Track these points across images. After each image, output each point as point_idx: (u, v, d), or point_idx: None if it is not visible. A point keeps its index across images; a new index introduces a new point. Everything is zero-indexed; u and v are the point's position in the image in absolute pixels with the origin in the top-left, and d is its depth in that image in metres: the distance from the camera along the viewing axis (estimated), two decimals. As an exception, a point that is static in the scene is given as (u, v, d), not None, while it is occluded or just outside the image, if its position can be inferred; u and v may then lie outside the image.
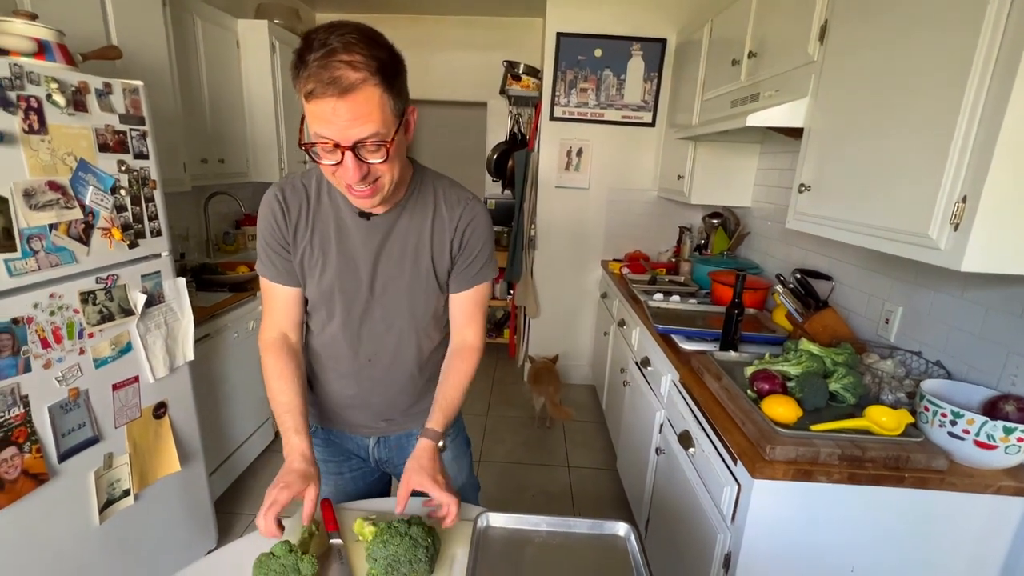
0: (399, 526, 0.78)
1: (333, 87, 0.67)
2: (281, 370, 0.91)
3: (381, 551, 0.75)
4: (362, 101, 0.69)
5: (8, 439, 1.06)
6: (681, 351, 1.60)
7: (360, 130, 0.70)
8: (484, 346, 1.02)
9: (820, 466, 1.01)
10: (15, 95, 1.05)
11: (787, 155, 2.07)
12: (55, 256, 1.15)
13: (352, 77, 0.67)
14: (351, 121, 0.70)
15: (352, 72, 0.67)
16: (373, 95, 0.70)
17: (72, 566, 1.24)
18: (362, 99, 0.69)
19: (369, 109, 0.70)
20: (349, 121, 0.69)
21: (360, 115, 0.70)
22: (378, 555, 0.75)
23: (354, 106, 0.69)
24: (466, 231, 0.93)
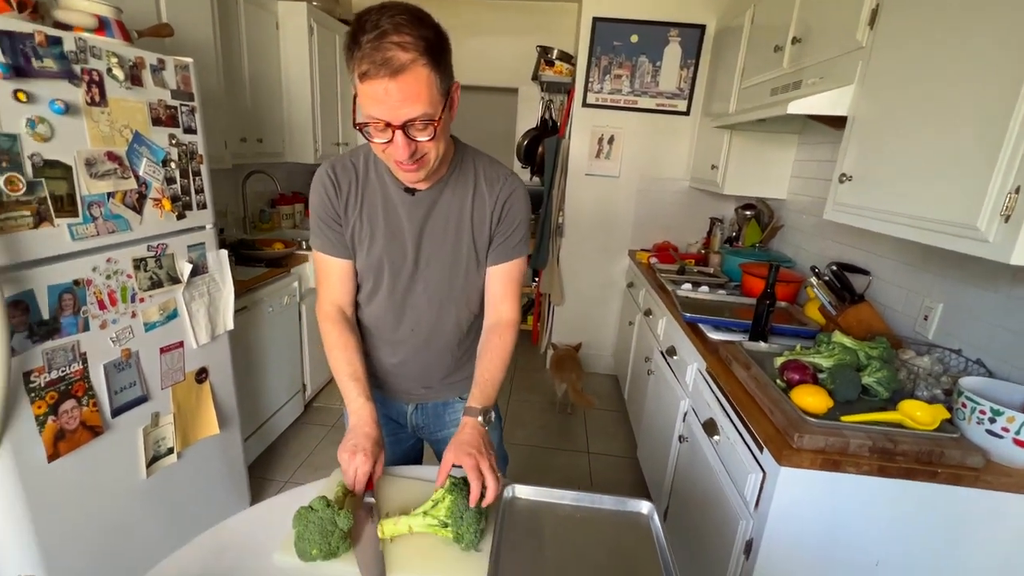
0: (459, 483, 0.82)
1: (385, 68, 0.71)
2: (345, 342, 0.97)
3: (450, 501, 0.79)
4: (412, 82, 0.73)
5: (69, 392, 1.14)
6: (709, 340, 1.59)
7: (410, 110, 0.74)
8: (519, 322, 1.03)
9: (849, 457, 1.01)
10: (79, 68, 1.11)
11: (827, 146, 2.01)
12: (112, 223, 1.22)
13: (403, 58, 0.71)
14: (401, 101, 0.73)
15: (402, 53, 0.71)
16: (422, 75, 0.73)
17: (122, 514, 1.33)
18: (412, 80, 0.73)
19: (418, 89, 0.74)
20: (400, 101, 0.73)
21: (410, 96, 0.73)
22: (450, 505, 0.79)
23: (404, 86, 0.72)
24: (505, 205, 0.96)
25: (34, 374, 1.07)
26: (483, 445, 0.86)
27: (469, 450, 0.83)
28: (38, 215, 1.05)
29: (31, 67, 1.01)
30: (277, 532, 0.83)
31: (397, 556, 0.78)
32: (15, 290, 1.02)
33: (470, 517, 0.79)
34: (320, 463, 2.29)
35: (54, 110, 1.06)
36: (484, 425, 0.91)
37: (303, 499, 0.92)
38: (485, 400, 0.93)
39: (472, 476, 0.81)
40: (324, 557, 0.76)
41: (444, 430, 1.16)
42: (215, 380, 1.62)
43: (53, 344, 1.10)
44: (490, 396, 0.95)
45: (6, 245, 0.99)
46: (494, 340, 0.99)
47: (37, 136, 1.03)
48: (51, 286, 1.08)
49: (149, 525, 1.41)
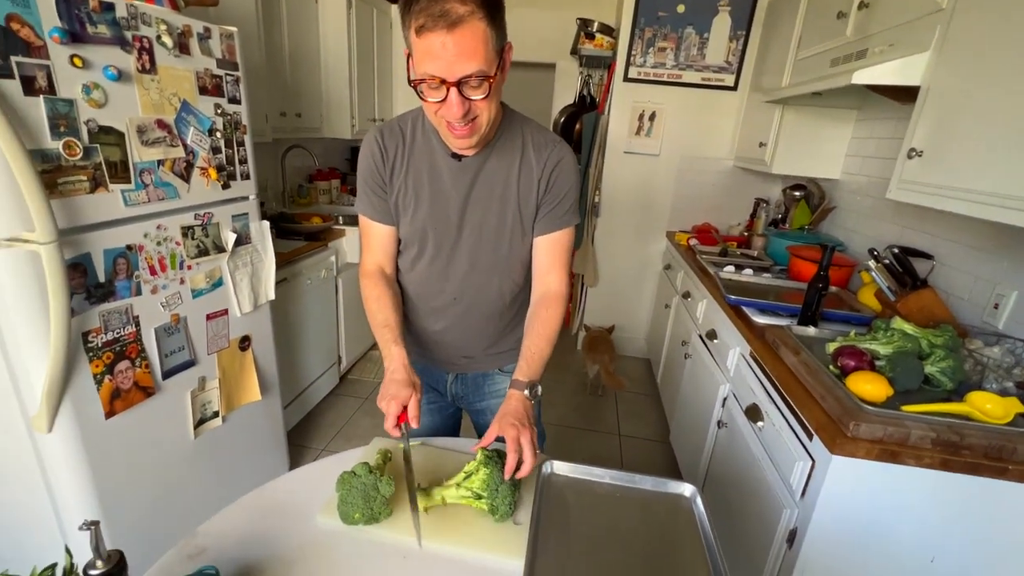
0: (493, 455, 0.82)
1: (443, 20, 0.70)
2: (379, 294, 0.99)
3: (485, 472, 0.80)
4: (469, 36, 0.71)
5: (123, 353, 1.18)
6: (754, 324, 1.53)
7: (465, 65, 0.73)
8: (568, 295, 1.01)
9: (909, 448, 0.95)
10: (130, 35, 1.12)
11: (889, 122, 1.88)
12: (161, 190, 1.24)
13: (460, 10, 0.70)
14: (457, 56, 0.72)
15: (460, 5, 0.70)
16: (478, 30, 0.72)
17: (173, 471, 1.39)
18: (468, 34, 0.71)
19: (474, 45, 0.72)
20: (456, 56, 0.72)
21: (466, 50, 0.72)
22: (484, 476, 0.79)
23: (461, 41, 0.71)
24: (553, 172, 0.93)
25: (92, 334, 1.11)
26: (527, 418, 0.85)
27: (513, 421, 0.83)
28: (94, 180, 1.08)
29: (86, 32, 1.03)
30: (318, 496, 0.85)
31: (434, 527, 0.78)
32: (73, 253, 1.05)
33: (505, 490, 0.79)
34: (354, 434, 2.34)
35: (108, 76, 1.07)
36: (530, 399, 0.90)
37: (343, 465, 0.94)
38: (532, 374, 0.92)
39: (511, 448, 0.80)
40: (366, 521, 0.77)
41: (483, 401, 1.16)
42: (257, 348, 1.66)
43: (109, 306, 1.14)
44: (537, 371, 0.93)
45: (65, 208, 1.02)
46: (542, 313, 0.97)
47: (92, 102, 1.05)
48: (106, 250, 1.12)
49: (197, 483, 1.47)
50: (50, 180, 0.99)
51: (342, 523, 0.78)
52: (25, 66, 0.93)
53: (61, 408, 1.06)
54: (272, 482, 0.91)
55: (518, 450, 0.80)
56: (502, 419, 0.84)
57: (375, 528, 0.78)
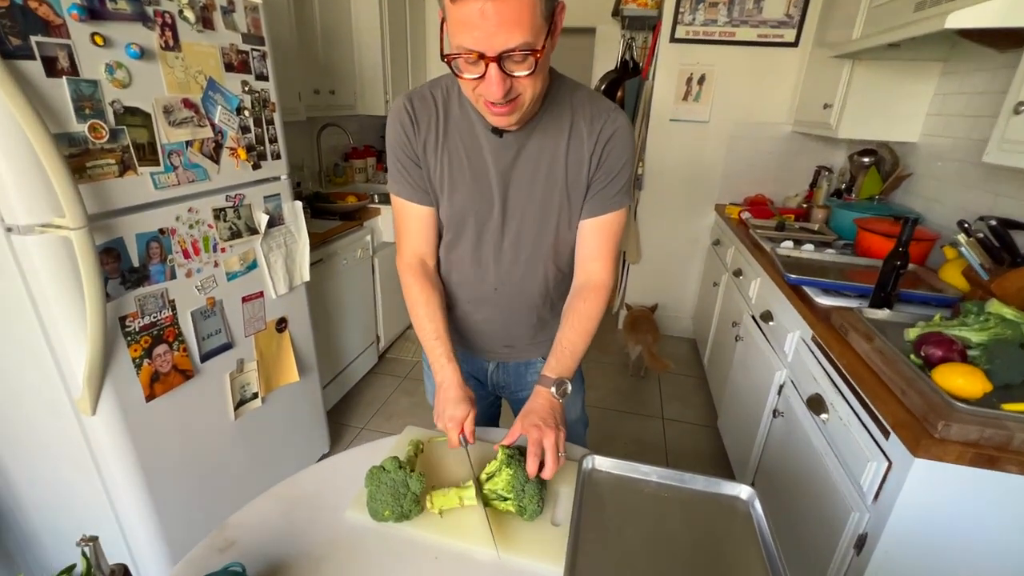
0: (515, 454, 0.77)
1: None
2: (427, 298, 0.90)
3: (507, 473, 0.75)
4: (513, 3, 0.60)
5: (161, 337, 1.19)
6: (816, 306, 1.39)
7: (508, 38, 0.62)
8: (613, 284, 0.91)
9: (1012, 453, 0.82)
10: (151, 10, 1.08)
11: (983, 74, 1.64)
12: (191, 172, 1.22)
13: None
14: (499, 26, 0.61)
15: None
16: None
17: (215, 452, 1.41)
18: (513, 0, 0.60)
19: (519, 13, 0.61)
20: (497, 26, 0.61)
21: (509, 19, 0.61)
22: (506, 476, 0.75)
23: (504, 7, 0.60)
24: (607, 146, 0.82)
25: (129, 319, 1.11)
26: (552, 418, 0.78)
27: (536, 421, 0.76)
28: (122, 163, 1.06)
29: (106, 8, 0.99)
30: (349, 487, 0.82)
31: (469, 529, 0.73)
32: (105, 238, 1.05)
33: (531, 488, 0.74)
34: (393, 412, 2.36)
35: (130, 54, 1.04)
36: (558, 397, 0.82)
37: (373, 454, 0.90)
38: (561, 370, 0.84)
39: (532, 451, 0.74)
40: (396, 519, 0.73)
41: (525, 390, 1.09)
42: (294, 330, 1.66)
43: (144, 291, 1.14)
44: (568, 366, 0.85)
45: (95, 193, 1.01)
46: (578, 305, 0.88)
47: (116, 82, 1.03)
48: (139, 234, 1.11)
49: (239, 462, 1.50)
50: (78, 164, 0.97)
51: (371, 519, 0.74)
52: (45, 46, 0.91)
53: (103, 391, 1.08)
54: (304, 471, 0.89)
55: (539, 453, 0.74)
56: (525, 418, 0.78)
57: (406, 526, 0.74)
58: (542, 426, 0.76)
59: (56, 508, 1.27)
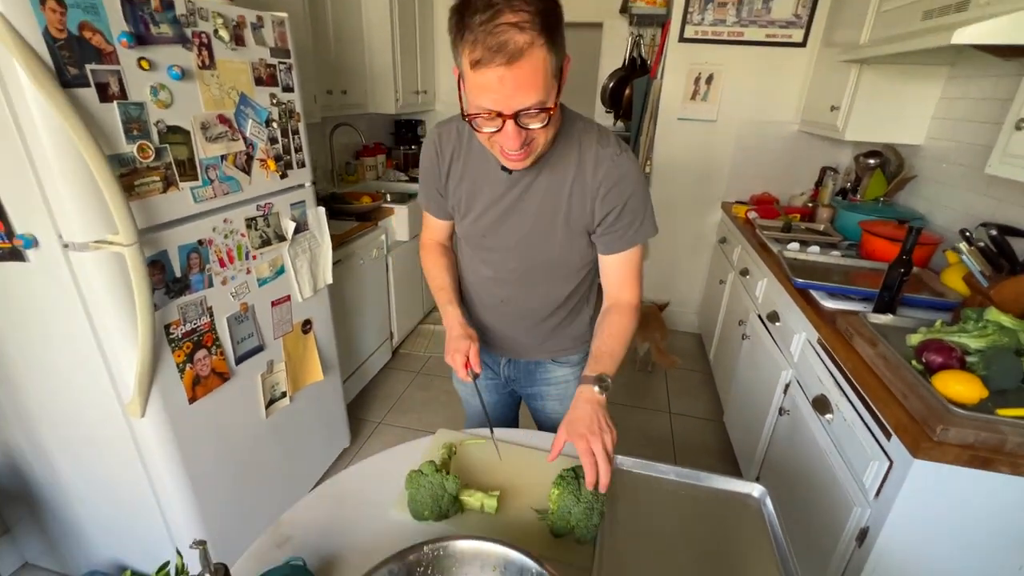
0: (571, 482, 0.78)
1: (501, 55, 0.64)
2: (435, 260, 1.07)
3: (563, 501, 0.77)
4: (528, 69, 0.66)
5: (201, 343, 1.25)
6: (822, 309, 1.45)
7: (523, 99, 0.69)
8: (640, 303, 0.98)
9: (1005, 455, 0.88)
10: (190, 32, 1.13)
11: (988, 80, 1.68)
12: (226, 185, 1.28)
13: (520, 41, 0.64)
14: (516, 91, 0.67)
15: (519, 35, 0.64)
16: (538, 59, 0.66)
17: (250, 449, 1.49)
18: (528, 67, 0.66)
19: (534, 78, 0.67)
20: (514, 90, 0.67)
21: (524, 84, 0.67)
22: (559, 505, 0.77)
23: (520, 74, 0.66)
24: (611, 193, 0.86)
25: (172, 327, 1.18)
26: (597, 422, 0.80)
27: (581, 429, 0.79)
28: (166, 180, 1.12)
29: (150, 34, 1.04)
30: (388, 485, 0.88)
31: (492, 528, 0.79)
32: (152, 251, 1.11)
33: (579, 512, 0.75)
34: (408, 407, 2.43)
35: (172, 76, 1.09)
36: (601, 392, 0.85)
37: (409, 453, 0.97)
38: (601, 369, 0.88)
39: (586, 461, 0.76)
40: (436, 518, 0.79)
41: (534, 387, 1.17)
42: (318, 331, 1.73)
43: (185, 299, 1.20)
44: (607, 367, 0.89)
45: (142, 209, 1.07)
46: (613, 317, 0.94)
47: (159, 103, 1.08)
48: (180, 246, 1.17)
49: (271, 458, 1.58)
50: (128, 183, 1.03)
51: (413, 519, 0.81)
52: (99, 73, 0.96)
53: (151, 396, 1.15)
54: (344, 472, 0.95)
55: (593, 461, 0.75)
56: (570, 426, 0.81)
57: (446, 523, 0.81)
58: (587, 434, 0.77)
59: (101, 502, 1.35)
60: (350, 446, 2.12)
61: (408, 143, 3.57)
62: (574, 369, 1.14)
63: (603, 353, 0.91)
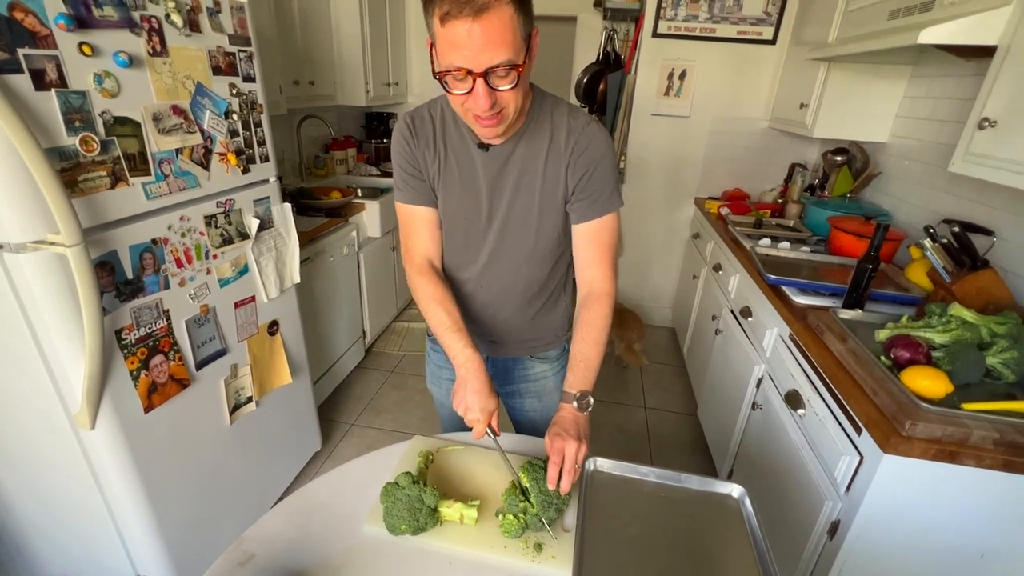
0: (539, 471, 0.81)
1: (468, 7, 0.66)
2: (440, 295, 0.94)
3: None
4: (496, 22, 0.68)
5: (157, 348, 1.18)
6: (794, 304, 1.46)
7: (492, 55, 0.70)
8: (615, 290, 0.95)
9: (970, 449, 0.91)
10: (138, 15, 1.05)
11: (950, 79, 1.73)
12: (182, 180, 1.21)
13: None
14: (484, 45, 0.68)
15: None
16: (506, 15, 0.68)
17: (212, 458, 1.42)
18: (496, 20, 0.67)
19: (502, 32, 0.69)
20: (483, 45, 0.68)
21: (493, 39, 0.68)
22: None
23: (488, 27, 0.67)
24: (581, 159, 0.87)
25: (124, 331, 1.10)
26: (576, 429, 0.83)
27: (559, 431, 0.82)
28: (113, 175, 1.04)
29: (92, 16, 0.96)
30: (360, 497, 0.85)
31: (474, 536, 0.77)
32: (100, 251, 1.03)
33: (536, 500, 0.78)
34: (382, 407, 2.38)
35: (118, 63, 1.02)
36: (581, 411, 0.87)
37: (382, 462, 0.94)
38: (581, 384, 0.89)
39: (553, 459, 0.80)
40: (413, 532, 0.76)
41: (512, 384, 1.15)
42: (285, 332, 1.66)
43: (139, 302, 1.13)
44: (586, 379, 0.90)
45: (88, 207, 1.00)
46: (586, 316, 0.93)
47: (105, 92, 1.00)
48: (132, 246, 1.10)
49: (236, 467, 1.51)
50: (70, 179, 0.95)
51: (389, 533, 0.78)
52: (33, 58, 0.88)
53: (102, 405, 1.07)
54: (312, 482, 0.91)
55: (560, 462, 0.79)
56: (553, 426, 0.83)
57: (423, 536, 0.78)
58: (564, 435, 0.80)
59: (52, 521, 1.26)
60: (321, 449, 2.06)
61: (379, 136, 3.48)
62: (552, 365, 1.13)
63: (578, 362, 0.90)
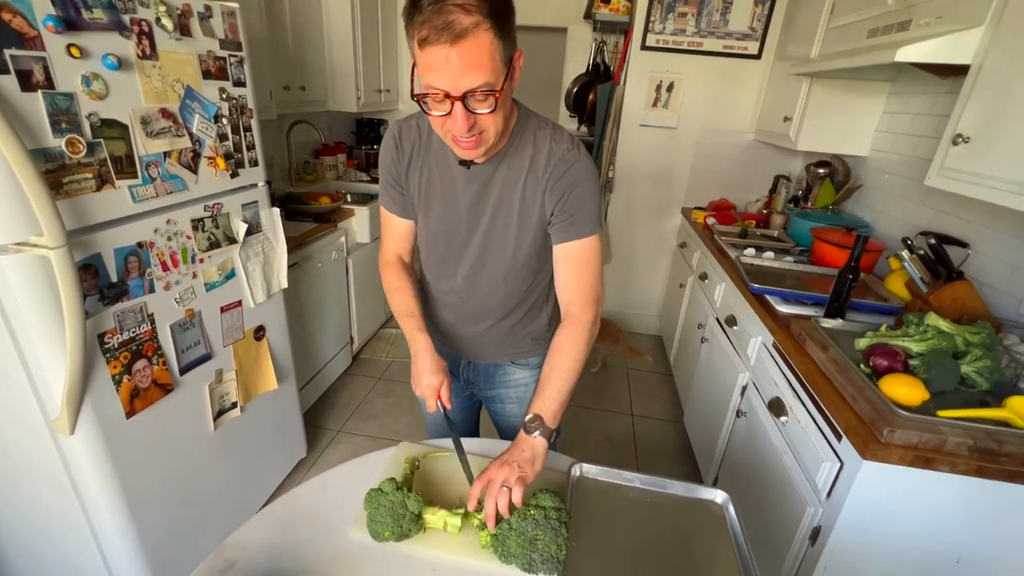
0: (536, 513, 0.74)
1: (447, 33, 0.66)
2: (399, 284, 1.02)
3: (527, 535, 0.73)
4: (474, 48, 0.67)
5: (140, 352, 1.17)
6: (777, 314, 1.49)
7: (471, 79, 0.70)
8: (594, 316, 0.92)
9: (945, 455, 0.93)
10: (128, 18, 1.05)
11: (926, 97, 1.78)
12: (169, 183, 1.20)
13: (465, 22, 0.66)
14: (462, 69, 0.68)
15: (465, 16, 0.66)
16: (484, 41, 0.68)
17: (195, 464, 1.40)
18: (474, 46, 0.67)
19: (480, 57, 0.68)
20: (460, 69, 0.68)
21: (471, 63, 0.68)
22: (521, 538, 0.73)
23: (466, 53, 0.67)
24: (560, 182, 0.87)
25: (107, 335, 1.09)
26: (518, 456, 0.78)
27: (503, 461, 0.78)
28: (99, 177, 1.03)
29: (81, 19, 0.96)
30: (344, 503, 0.84)
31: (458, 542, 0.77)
32: (84, 254, 1.02)
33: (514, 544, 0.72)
34: (369, 414, 2.36)
35: (107, 65, 1.01)
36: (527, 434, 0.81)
37: (367, 468, 0.93)
38: (538, 408, 0.84)
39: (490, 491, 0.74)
40: (397, 539, 0.76)
41: (494, 389, 1.16)
42: (272, 337, 1.65)
43: (123, 306, 1.12)
44: (550, 409, 0.84)
45: (72, 209, 0.99)
46: (556, 340, 0.90)
47: (93, 94, 1.00)
48: (117, 249, 1.08)
49: (220, 473, 1.49)
50: (55, 180, 0.94)
51: (373, 540, 0.77)
52: (20, 59, 0.87)
53: (82, 410, 1.06)
54: (296, 488, 0.91)
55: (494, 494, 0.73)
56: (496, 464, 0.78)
57: (407, 543, 0.77)
58: (501, 465, 0.77)
59: (27, 528, 1.24)
60: (307, 457, 2.03)
61: (370, 142, 3.48)
62: (534, 372, 1.13)
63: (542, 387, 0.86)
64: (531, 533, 0.72)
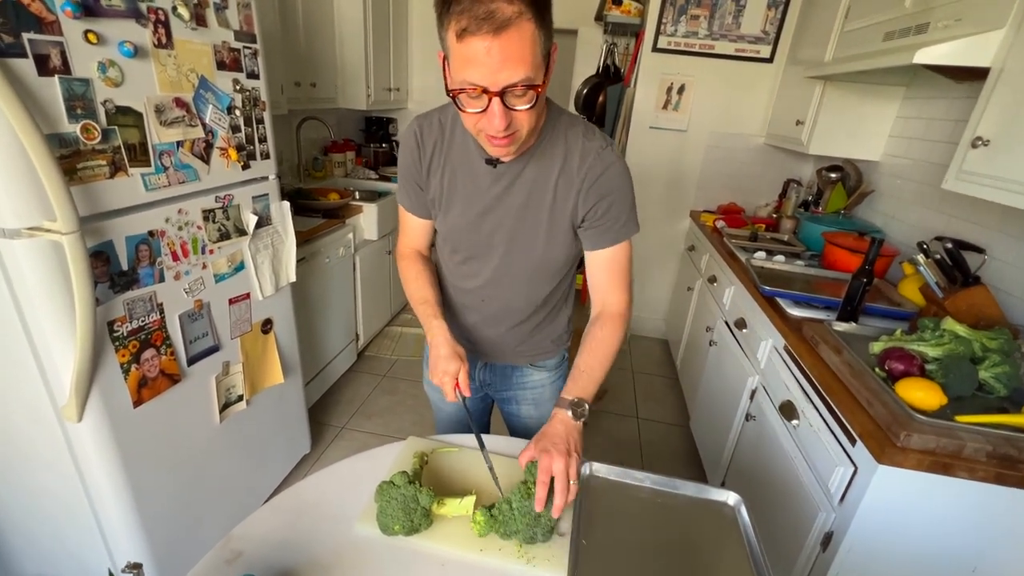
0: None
1: (488, 23, 0.61)
2: (416, 273, 0.99)
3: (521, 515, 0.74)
4: (516, 39, 0.64)
5: (148, 341, 1.16)
6: (788, 316, 1.48)
7: (511, 73, 0.65)
8: (630, 313, 0.95)
9: (963, 460, 0.91)
10: (145, 6, 1.05)
11: (942, 101, 1.76)
12: (182, 173, 1.20)
13: (507, 11, 0.62)
14: (503, 63, 0.64)
15: (507, 5, 0.62)
16: (526, 33, 0.64)
17: (200, 456, 1.39)
18: (516, 37, 0.63)
19: (521, 50, 0.65)
20: (501, 63, 0.64)
21: (512, 56, 0.64)
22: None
23: (507, 45, 0.63)
24: (595, 185, 0.84)
25: (117, 323, 1.09)
26: (565, 442, 0.78)
27: (547, 445, 0.77)
28: (113, 164, 1.03)
29: (99, 5, 0.96)
30: (350, 497, 0.83)
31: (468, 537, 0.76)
32: (95, 241, 1.02)
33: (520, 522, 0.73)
34: (372, 411, 2.35)
35: (123, 53, 1.01)
36: (575, 419, 0.83)
37: (373, 463, 0.92)
38: (579, 391, 0.85)
39: (541, 478, 0.74)
40: (407, 533, 0.75)
41: (510, 391, 1.14)
42: (279, 331, 1.65)
43: (133, 294, 1.11)
44: (585, 388, 0.86)
45: (85, 195, 0.98)
46: (596, 332, 0.91)
47: (108, 81, 1.00)
48: (128, 237, 1.08)
49: (224, 466, 1.48)
50: (69, 166, 0.94)
51: (381, 533, 0.76)
52: (37, 43, 0.87)
53: (90, 398, 1.05)
54: (303, 481, 0.90)
55: (549, 481, 0.73)
56: (539, 441, 0.79)
57: (415, 537, 0.76)
58: (552, 451, 0.75)
59: (30, 514, 1.23)
60: (310, 452, 2.03)
61: (379, 140, 3.49)
62: (551, 374, 1.12)
63: (582, 373, 0.88)
64: (534, 511, 0.73)
